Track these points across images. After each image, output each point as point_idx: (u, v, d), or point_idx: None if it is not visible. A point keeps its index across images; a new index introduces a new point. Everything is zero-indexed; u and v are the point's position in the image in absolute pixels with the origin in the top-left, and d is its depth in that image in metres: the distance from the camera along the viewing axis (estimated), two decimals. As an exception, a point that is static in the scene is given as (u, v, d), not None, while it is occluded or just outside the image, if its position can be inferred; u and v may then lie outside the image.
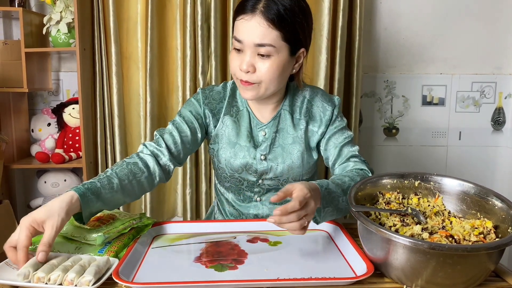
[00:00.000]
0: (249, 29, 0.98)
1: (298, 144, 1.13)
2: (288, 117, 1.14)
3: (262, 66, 1.00)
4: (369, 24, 2.08)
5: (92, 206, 0.88)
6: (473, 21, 2.09)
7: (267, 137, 1.13)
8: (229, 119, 1.14)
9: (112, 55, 1.93)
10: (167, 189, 2.10)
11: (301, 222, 0.82)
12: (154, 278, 0.80)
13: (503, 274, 0.82)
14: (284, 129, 1.13)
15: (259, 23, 0.97)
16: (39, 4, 2.01)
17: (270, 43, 0.98)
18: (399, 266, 0.75)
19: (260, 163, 1.13)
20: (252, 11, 0.98)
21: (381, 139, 2.18)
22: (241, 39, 1.00)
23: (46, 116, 2.04)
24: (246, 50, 1.00)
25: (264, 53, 0.99)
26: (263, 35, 0.97)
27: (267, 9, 0.97)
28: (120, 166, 0.99)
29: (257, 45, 0.98)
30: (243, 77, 1.02)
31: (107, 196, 0.92)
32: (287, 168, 1.13)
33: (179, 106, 2.00)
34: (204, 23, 1.88)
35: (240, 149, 1.13)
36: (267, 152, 1.13)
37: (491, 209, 0.86)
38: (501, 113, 2.18)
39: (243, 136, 1.13)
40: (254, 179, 1.15)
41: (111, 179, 0.94)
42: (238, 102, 1.16)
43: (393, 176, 0.99)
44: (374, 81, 2.13)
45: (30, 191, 2.14)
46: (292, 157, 1.12)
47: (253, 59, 1.00)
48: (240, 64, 1.01)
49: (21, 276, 0.76)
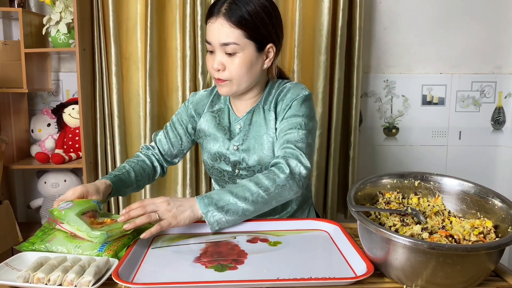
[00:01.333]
0: (215, 30, 1.08)
1: (268, 136, 1.17)
2: (261, 111, 1.19)
3: (230, 64, 1.09)
4: (369, 24, 2.08)
5: (118, 192, 1.15)
6: (472, 20, 2.09)
7: (242, 129, 1.19)
8: (209, 115, 1.24)
9: (112, 55, 1.93)
10: (167, 189, 2.10)
11: (148, 215, 0.93)
12: (154, 279, 0.80)
13: (503, 274, 0.82)
14: (257, 122, 1.18)
15: (222, 24, 1.06)
16: (39, 4, 2.01)
17: (234, 41, 1.06)
18: (399, 266, 0.75)
19: (233, 154, 1.19)
20: (216, 14, 1.07)
21: (381, 138, 2.18)
22: (209, 40, 1.10)
23: (46, 117, 2.04)
24: (216, 51, 1.10)
25: (230, 51, 1.08)
26: (227, 35, 1.06)
27: (229, 10, 1.06)
28: (132, 162, 1.23)
29: (222, 44, 1.07)
30: (216, 75, 1.12)
31: (128, 186, 1.18)
32: (258, 158, 1.16)
33: (179, 106, 2.00)
34: (203, 23, 1.88)
35: (216, 140, 1.21)
36: (240, 143, 1.18)
37: (491, 208, 0.86)
38: (501, 113, 2.18)
39: (220, 129, 1.21)
40: (230, 169, 1.21)
41: (130, 172, 1.19)
42: (221, 101, 1.25)
43: (393, 176, 0.99)
44: (374, 81, 2.13)
45: (30, 191, 2.14)
46: (263, 148, 1.16)
47: (222, 58, 1.09)
48: (212, 64, 1.11)
49: (21, 279, 0.76)
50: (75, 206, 0.94)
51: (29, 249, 0.89)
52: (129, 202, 2.07)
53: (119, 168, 1.20)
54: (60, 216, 0.93)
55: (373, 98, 2.14)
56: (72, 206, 0.94)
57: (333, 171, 2.03)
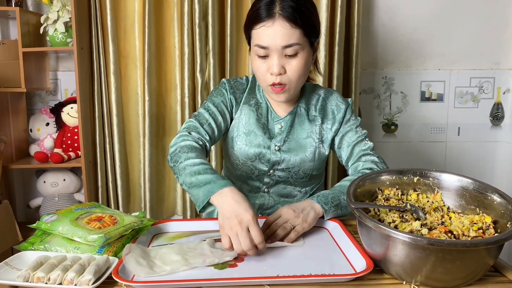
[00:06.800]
0: (274, 34, 1.01)
1: (312, 139, 1.17)
2: (304, 113, 1.18)
3: (290, 66, 1.04)
4: (367, 20, 2.08)
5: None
6: (471, 16, 2.09)
7: (283, 130, 1.17)
8: (247, 108, 1.19)
9: (110, 54, 1.93)
10: (167, 188, 2.10)
11: (283, 227, 0.94)
12: (154, 277, 0.80)
13: (503, 269, 0.82)
14: (299, 124, 1.18)
15: (282, 26, 1.00)
16: (36, 3, 2.00)
17: (296, 41, 1.02)
18: (399, 262, 0.75)
19: (274, 154, 1.16)
20: (271, 17, 1.01)
21: (380, 135, 2.18)
22: (266, 45, 1.02)
23: (45, 116, 2.04)
24: (272, 55, 1.04)
25: (291, 53, 1.03)
26: (289, 36, 1.01)
27: (285, 10, 1.00)
28: (196, 151, 1.03)
29: (284, 47, 1.02)
30: (275, 80, 1.05)
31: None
32: (300, 160, 1.17)
33: (178, 105, 2.00)
34: (201, 21, 1.87)
35: (255, 138, 1.17)
36: (282, 144, 1.17)
37: (490, 204, 0.86)
38: (500, 108, 2.18)
39: (259, 126, 1.17)
40: (266, 169, 1.19)
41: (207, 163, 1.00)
42: (257, 96, 1.21)
43: (392, 172, 0.99)
44: (373, 78, 2.13)
45: (29, 191, 2.14)
46: (306, 151, 1.17)
47: (281, 61, 1.04)
48: (270, 68, 1.04)
49: (21, 278, 0.76)
50: (62, 218, 0.93)
51: (28, 249, 0.89)
52: (128, 200, 2.07)
53: (210, 168, 0.98)
54: (48, 228, 0.92)
55: (372, 95, 2.14)
56: (57, 218, 0.93)
57: (333, 168, 2.03)
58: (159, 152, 2.04)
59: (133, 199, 2.09)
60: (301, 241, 0.95)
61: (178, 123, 2.02)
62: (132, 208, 2.09)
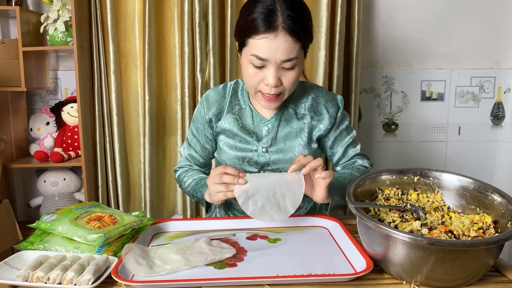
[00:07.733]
0: (275, 47, 0.97)
1: (300, 138, 1.15)
2: (291, 112, 1.17)
3: (287, 78, 1.03)
4: (368, 19, 2.07)
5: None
6: (472, 16, 2.09)
7: (270, 131, 1.16)
8: (231, 117, 1.17)
9: (110, 53, 1.93)
10: (167, 187, 2.10)
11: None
12: (153, 277, 0.80)
13: (503, 269, 0.82)
14: (287, 123, 1.16)
15: (284, 40, 0.97)
16: (36, 2, 2.00)
17: (296, 55, 1.00)
18: (399, 262, 0.75)
19: (262, 156, 1.15)
20: (273, 29, 0.96)
21: (380, 135, 2.18)
22: (265, 57, 0.99)
23: (45, 115, 2.04)
24: (269, 67, 1.01)
25: (289, 66, 1.01)
26: (289, 51, 0.98)
27: (288, 23, 0.96)
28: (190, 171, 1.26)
29: (283, 61, 0.99)
30: (270, 91, 1.03)
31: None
32: (289, 160, 1.15)
33: (178, 104, 2.00)
34: (202, 20, 1.87)
35: (240, 142, 1.16)
36: (269, 145, 1.15)
37: (491, 204, 0.86)
38: (500, 108, 2.18)
39: (244, 131, 1.16)
40: (256, 170, 1.17)
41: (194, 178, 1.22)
42: (240, 101, 1.19)
43: (392, 172, 0.99)
44: (373, 77, 2.12)
45: (30, 190, 2.14)
46: (294, 150, 1.15)
47: (278, 73, 1.01)
48: (266, 80, 1.02)
49: (20, 278, 0.76)
50: (62, 217, 0.93)
51: (28, 249, 0.89)
52: (128, 199, 2.07)
53: (196, 182, 1.20)
54: (48, 228, 0.92)
55: (372, 94, 2.14)
56: (57, 217, 0.93)
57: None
58: (159, 152, 2.04)
59: (133, 199, 2.09)
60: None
61: (178, 122, 2.02)
62: (132, 207, 2.09)
